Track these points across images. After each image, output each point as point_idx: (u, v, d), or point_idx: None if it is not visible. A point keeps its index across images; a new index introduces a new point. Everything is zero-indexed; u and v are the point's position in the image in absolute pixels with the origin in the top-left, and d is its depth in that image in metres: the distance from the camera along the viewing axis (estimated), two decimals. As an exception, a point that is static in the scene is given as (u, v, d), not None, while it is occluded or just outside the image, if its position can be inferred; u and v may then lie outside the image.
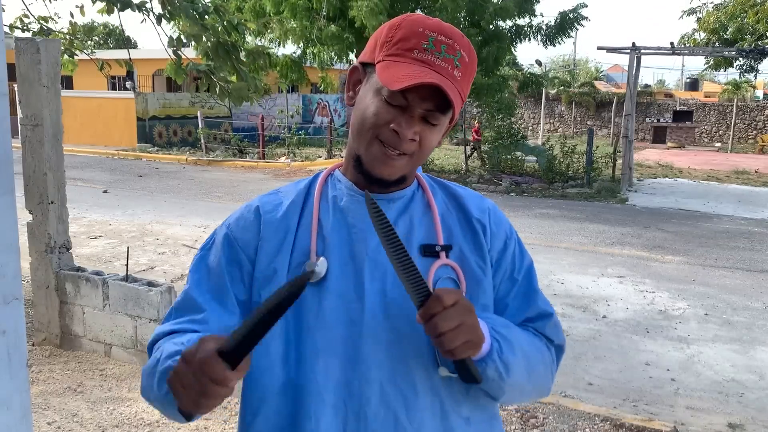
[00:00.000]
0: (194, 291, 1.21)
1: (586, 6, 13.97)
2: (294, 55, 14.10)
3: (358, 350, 1.15)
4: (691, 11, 18.02)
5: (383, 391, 1.16)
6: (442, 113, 1.15)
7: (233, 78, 4.98)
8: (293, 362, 1.17)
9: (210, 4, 4.74)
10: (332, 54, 13.18)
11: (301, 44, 13.48)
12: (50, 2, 6.04)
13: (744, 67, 17.64)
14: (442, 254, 1.20)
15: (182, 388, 0.97)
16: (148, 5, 4.67)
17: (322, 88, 15.42)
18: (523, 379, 1.19)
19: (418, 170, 1.30)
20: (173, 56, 4.92)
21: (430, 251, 1.20)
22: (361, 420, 1.15)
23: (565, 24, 13.75)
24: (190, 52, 5.18)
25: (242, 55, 4.96)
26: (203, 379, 0.95)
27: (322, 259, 1.18)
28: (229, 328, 1.19)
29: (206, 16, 4.62)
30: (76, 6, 5.89)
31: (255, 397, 1.21)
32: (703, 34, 17.72)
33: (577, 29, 14.04)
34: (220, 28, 4.68)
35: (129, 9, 4.66)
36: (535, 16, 13.79)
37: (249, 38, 12.11)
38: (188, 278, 1.25)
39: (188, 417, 1.02)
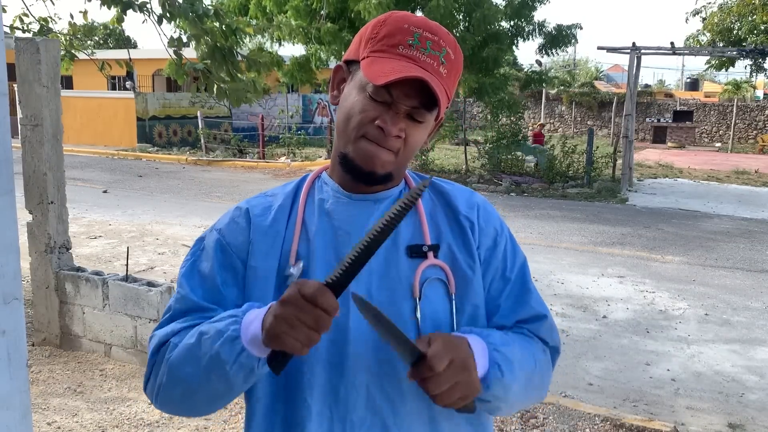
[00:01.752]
0: (193, 296, 1.19)
1: (582, 28, 14.10)
2: (301, 56, 14.11)
3: (344, 355, 1.14)
4: (696, 12, 17.97)
5: (370, 397, 1.14)
6: (427, 110, 1.13)
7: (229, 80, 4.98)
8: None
9: (210, 7, 4.73)
10: (330, 53, 13.18)
11: (306, 44, 13.48)
12: (53, 4, 6.04)
13: (752, 67, 17.56)
14: (430, 254, 1.18)
15: (290, 328, 0.97)
16: (149, 6, 4.67)
17: (323, 88, 15.41)
18: (521, 395, 1.18)
19: (410, 173, 1.28)
20: (174, 56, 4.93)
21: (417, 252, 1.18)
22: (348, 426, 1.14)
23: (561, 37, 13.78)
24: (190, 52, 5.18)
25: (239, 59, 4.96)
26: (315, 312, 0.96)
27: (299, 263, 1.16)
28: None
29: (205, 19, 4.62)
30: (80, 11, 5.90)
31: (251, 404, 1.21)
32: (707, 36, 17.68)
33: (568, 46, 14.13)
34: (218, 32, 4.68)
35: (131, 9, 4.67)
36: (531, 22, 13.77)
37: (250, 38, 12.10)
38: (182, 284, 1.21)
39: (280, 365, 1.02)
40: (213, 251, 1.21)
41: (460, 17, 12.96)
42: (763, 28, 15.84)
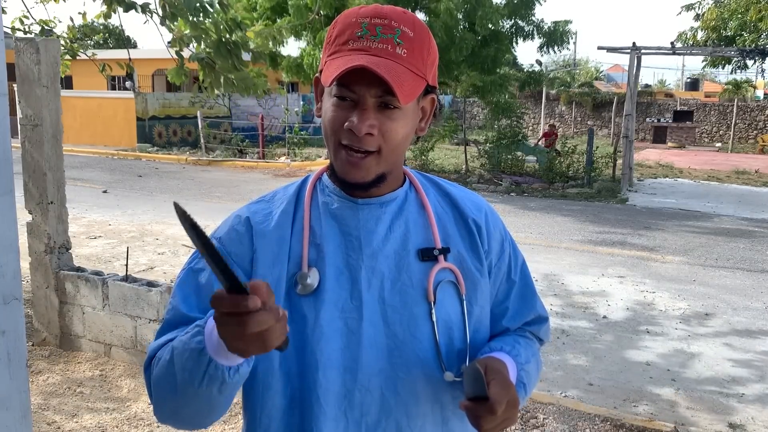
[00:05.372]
0: (183, 307, 1.17)
1: (571, 22, 14.12)
2: (290, 57, 14.10)
3: (357, 360, 1.14)
4: (690, 6, 17.91)
5: (384, 400, 1.15)
6: (394, 96, 1.08)
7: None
8: (296, 377, 1.15)
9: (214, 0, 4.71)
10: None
11: (301, 39, 13.46)
12: (55, 2, 5.98)
13: (740, 64, 17.53)
14: (441, 257, 1.19)
15: (234, 338, 0.90)
16: (151, 6, 4.66)
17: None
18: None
19: (414, 172, 1.27)
20: (175, 56, 4.91)
21: (428, 255, 1.18)
22: (363, 429, 1.15)
23: (558, 35, 13.77)
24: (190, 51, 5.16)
25: (243, 54, 4.93)
26: (233, 320, 0.88)
27: (313, 269, 1.15)
28: None
29: (210, 12, 4.58)
30: (78, 12, 5.88)
31: (264, 415, 1.18)
32: (702, 33, 17.65)
33: (567, 43, 14.13)
34: (222, 26, 4.65)
35: (133, 10, 4.65)
36: (532, 19, 13.75)
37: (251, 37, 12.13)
38: (174, 294, 1.20)
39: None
40: None
41: (461, 17, 12.94)
42: (754, 26, 15.79)
